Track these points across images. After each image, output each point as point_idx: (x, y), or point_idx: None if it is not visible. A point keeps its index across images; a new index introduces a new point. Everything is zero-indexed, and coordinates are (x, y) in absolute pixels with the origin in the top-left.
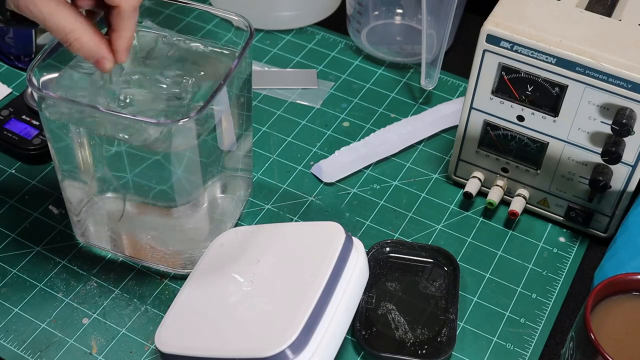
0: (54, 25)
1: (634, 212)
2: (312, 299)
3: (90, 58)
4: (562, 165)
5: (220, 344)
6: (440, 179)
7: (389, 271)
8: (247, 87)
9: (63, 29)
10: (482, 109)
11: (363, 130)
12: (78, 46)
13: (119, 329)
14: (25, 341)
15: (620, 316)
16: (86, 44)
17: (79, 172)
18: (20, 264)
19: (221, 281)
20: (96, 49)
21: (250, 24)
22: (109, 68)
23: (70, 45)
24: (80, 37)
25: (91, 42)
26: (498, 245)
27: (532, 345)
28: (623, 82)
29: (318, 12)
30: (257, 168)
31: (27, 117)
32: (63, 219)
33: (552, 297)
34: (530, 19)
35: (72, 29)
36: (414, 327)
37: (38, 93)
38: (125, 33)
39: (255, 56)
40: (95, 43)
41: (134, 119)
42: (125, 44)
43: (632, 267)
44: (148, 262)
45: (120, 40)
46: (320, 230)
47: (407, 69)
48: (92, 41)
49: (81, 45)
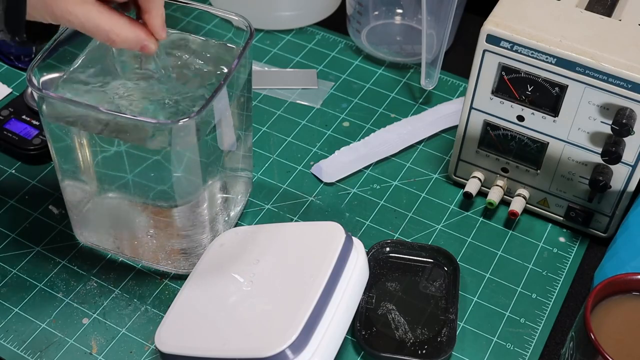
0: (93, 28)
1: (634, 212)
2: (312, 299)
3: (134, 47)
4: (562, 165)
5: (220, 344)
6: (440, 179)
7: (389, 271)
8: (247, 87)
9: (103, 28)
10: (482, 109)
11: (363, 130)
12: (121, 41)
13: (119, 329)
14: (25, 341)
15: (620, 316)
16: (128, 37)
17: (79, 172)
18: (20, 264)
19: (221, 281)
20: (137, 38)
21: (250, 24)
22: (154, 49)
23: (113, 43)
24: (120, 32)
25: (131, 33)
26: (498, 245)
27: (532, 345)
28: (623, 82)
29: (318, 12)
30: (257, 168)
31: (27, 117)
32: (63, 219)
33: (552, 297)
34: (530, 19)
35: (111, 27)
36: (414, 327)
37: (38, 93)
38: (157, 11)
39: (255, 56)
40: (135, 32)
41: (134, 119)
42: (160, 21)
43: (632, 267)
44: (148, 262)
45: (154, 20)
46: (320, 230)
47: (407, 69)
48: (132, 32)
49: (124, 39)
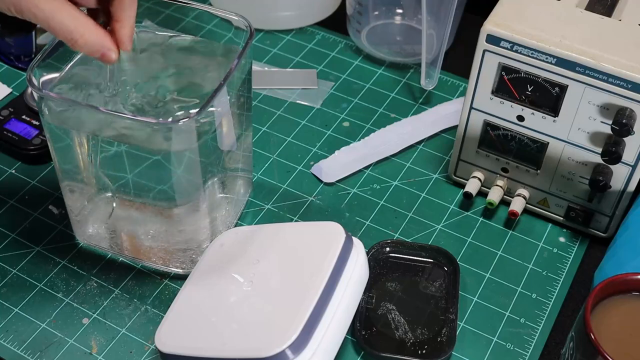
0: (57, 25)
1: (634, 212)
2: (312, 299)
3: (95, 53)
4: (562, 165)
5: (220, 344)
6: (440, 179)
7: (389, 271)
8: (247, 87)
9: (67, 28)
10: (482, 109)
11: (363, 130)
12: (82, 43)
13: (119, 329)
14: (25, 341)
15: (620, 316)
16: (90, 40)
17: (79, 172)
18: (20, 264)
19: (221, 281)
20: (101, 43)
21: (250, 24)
22: (114, 59)
23: (75, 44)
24: (84, 34)
25: (95, 37)
26: (498, 245)
27: (532, 345)
28: (623, 82)
29: (318, 12)
30: (257, 168)
31: (27, 117)
32: (63, 219)
33: (552, 297)
34: (530, 19)
35: (76, 27)
36: (414, 327)
37: (38, 93)
38: (128, 21)
39: (255, 56)
40: (99, 37)
41: (134, 119)
42: (129, 32)
43: (632, 267)
44: (148, 262)
45: (124, 29)
46: (320, 230)
47: (407, 69)
48: (96, 36)
49: (85, 41)
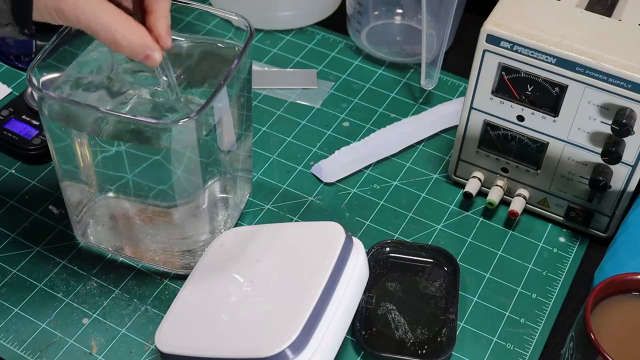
0: (98, 26)
1: (634, 212)
2: (312, 299)
3: (139, 55)
4: (562, 165)
5: (220, 344)
6: (440, 179)
7: (389, 271)
8: (247, 87)
9: (109, 28)
10: (482, 109)
11: (363, 130)
12: (126, 44)
13: (119, 329)
14: (25, 341)
15: (620, 316)
16: (134, 41)
17: (79, 172)
18: (20, 264)
19: (221, 281)
20: (144, 43)
21: (250, 24)
22: (158, 60)
23: (118, 45)
24: (126, 34)
25: (138, 38)
26: (498, 245)
27: (532, 345)
28: (623, 82)
29: (318, 12)
30: (257, 168)
31: (27, 117)
32: (63, 219)
33: (552, 297)
34: (530, 19)
35: (118, 28)
36: (414, 327)
37: (38, 93)
38: (163, 12)
39: (255, 56)
40: (142, 37)
41: (134, 119)
42: (165, 24)
43: (632, 267)
44: (148, 262)
45: (159, 21)
46: (320, 230)
47: (407, 69)
48: (139, 37)
49: (129, 42)
